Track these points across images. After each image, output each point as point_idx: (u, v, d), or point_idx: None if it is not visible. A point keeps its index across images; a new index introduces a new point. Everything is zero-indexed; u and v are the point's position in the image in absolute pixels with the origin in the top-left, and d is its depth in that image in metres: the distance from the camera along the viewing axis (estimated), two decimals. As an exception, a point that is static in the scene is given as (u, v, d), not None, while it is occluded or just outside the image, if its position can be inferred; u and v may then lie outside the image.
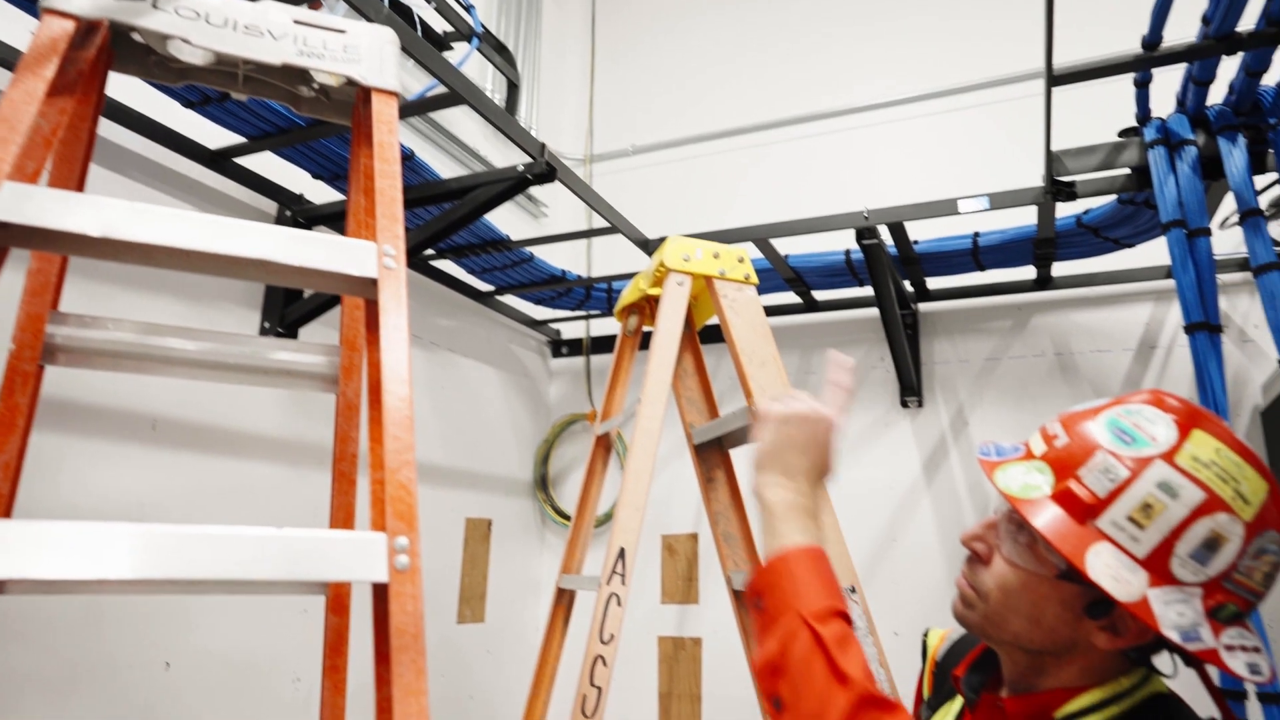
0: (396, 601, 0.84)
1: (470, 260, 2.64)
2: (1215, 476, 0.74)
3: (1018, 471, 0.83)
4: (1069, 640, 0.82)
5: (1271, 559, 0.75)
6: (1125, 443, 0.78)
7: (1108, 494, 0.76)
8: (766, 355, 1.80)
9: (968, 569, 0.90)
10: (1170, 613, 0.72)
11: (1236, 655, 0.73)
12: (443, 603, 2.68)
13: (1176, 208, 1.66)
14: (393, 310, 1.00)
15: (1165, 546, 0.74)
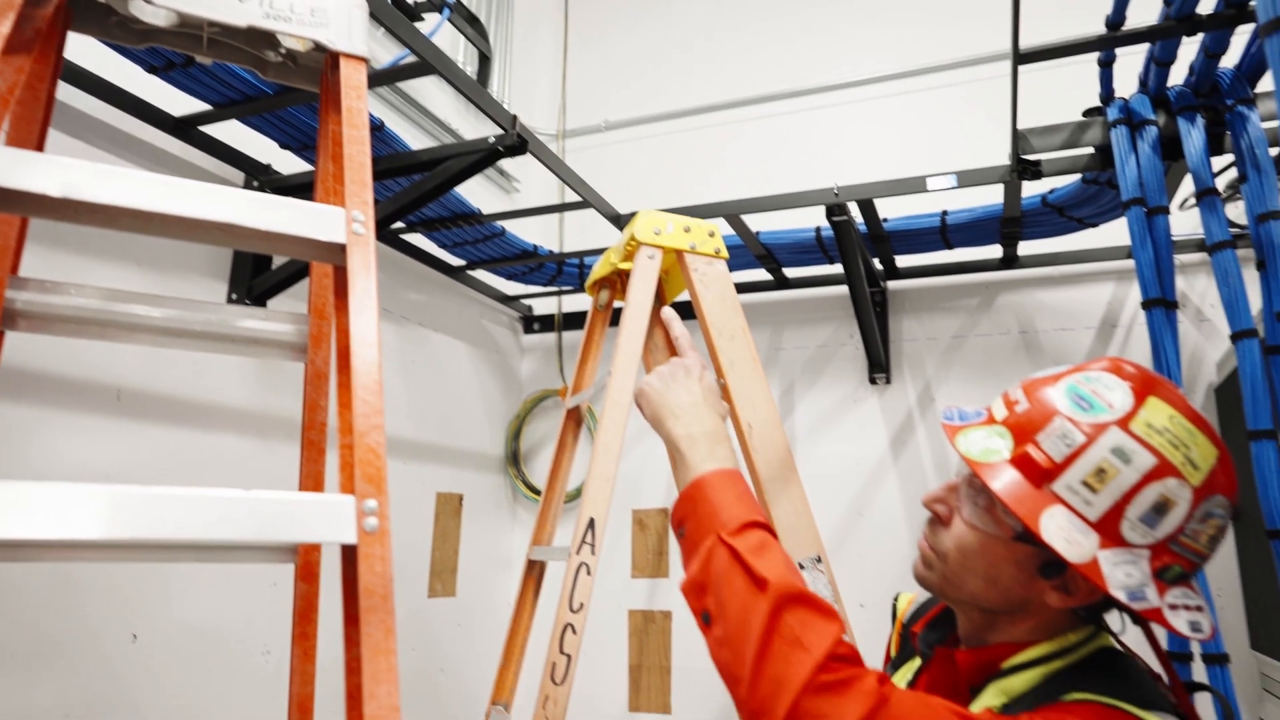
0: (365, 563, 0.84)
1: (441, 234, 2.62)
2: (1167, 443, 0.77)
3: (979, 436, 0.86)
4: (1023, 599, 0.85)
5: (1217, 522, 0.78)
6: (1083, 409, 0.80)
7: (1064, 459, 0.79)
8: (736, 329, 1.81)
9: (928, 531, 0.93)
10: (1119, 573, 0.75)
11: (1180, 614, 0.76)
12: (413, 576, 2.68)
13: (1137, 186, 1.69)
14: (362, 276, 1.00)
15: (1116, 510, 0.76)
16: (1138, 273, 1.65)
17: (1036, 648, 0.86)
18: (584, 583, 1.58)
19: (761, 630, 0.77)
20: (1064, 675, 0.83)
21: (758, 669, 0.76)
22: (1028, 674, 0.84)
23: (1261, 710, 2.13)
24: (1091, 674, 0.82)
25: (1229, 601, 2.29)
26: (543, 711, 1.52)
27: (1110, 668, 0.84)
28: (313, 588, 1.30)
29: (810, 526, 1.73)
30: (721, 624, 0.81)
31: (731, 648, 0.79)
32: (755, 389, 1.76)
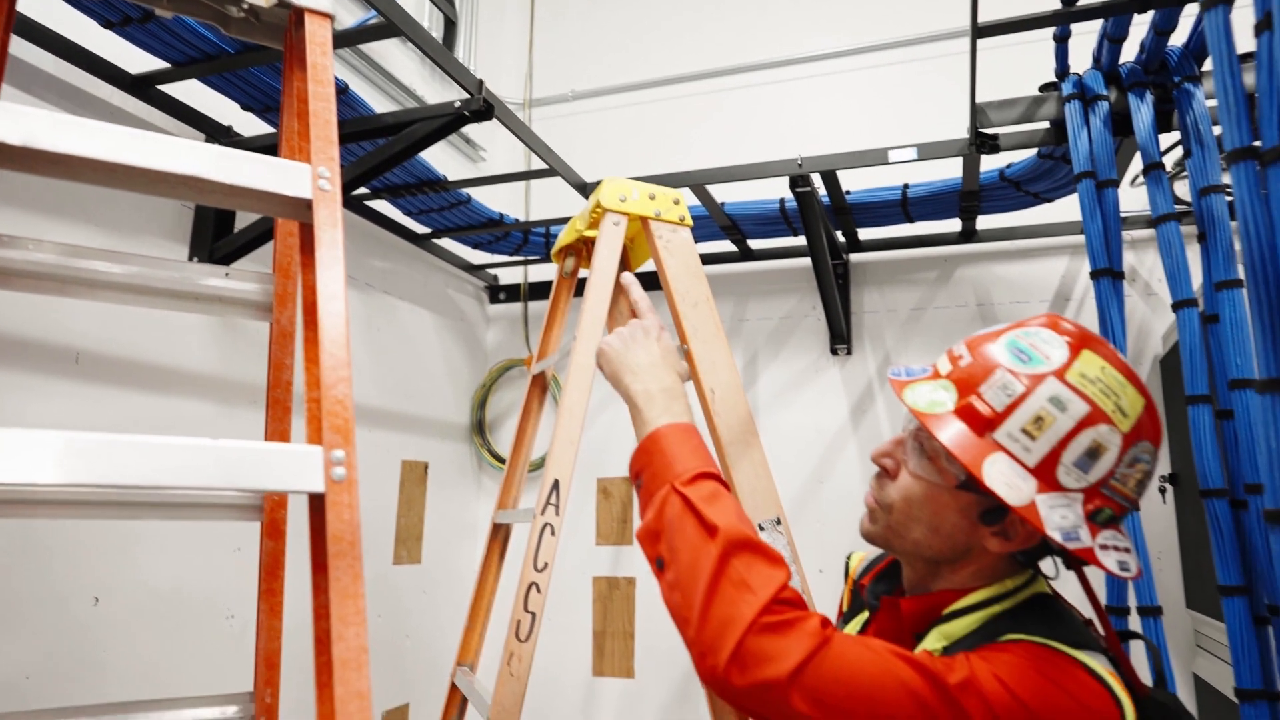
0: (333, 510, 0.86)
1: (406, 201, 2.61)
2: (1099, 392, 0.82)
3: (925, 389, 0.90)
4: (964, 546, 0.90)
5: (1144, 467, 0.84)
6: (1022, 361, 0.85)
7: (1005, 408, 0.83)
8: (700, 296, 1.84)
9: (875, 484, 0.97)
10: (1055, 516, 0.80)
11: (1110, 554, 0.81)
12: (379, 543, 2.69)
13: (1088, 159, 1.74)
14: (328, 232, 1.00)
15: (1053, 456, 0.81)
16: (1087, 243, 1.70)
17: (976, 593, 0.91)
18: (548, 543, 1.61)
19: (710, 573, 0.82)
20: (1001, 619, 0.87)
21: (706, 610, 0.80)
22: (967, 618, 0.89)
23: (1194, 664, 2.24)
24: (1027, 617, 0.87)
25: (1168, 563, 2.40)
26: (507, 668, 1.55)
27: (1044, 611, 0.89)
28: (279, 545, 1.32)
29: (770, 489, 1.77)
30: (674, 568, 0.86)
31: (682, 590, 0.84)
32: (718, 355, 1.79)
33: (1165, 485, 2.38)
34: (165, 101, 1.97)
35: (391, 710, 2.68)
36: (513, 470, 2.09)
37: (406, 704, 2.76)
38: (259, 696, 1.31)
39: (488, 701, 1.59)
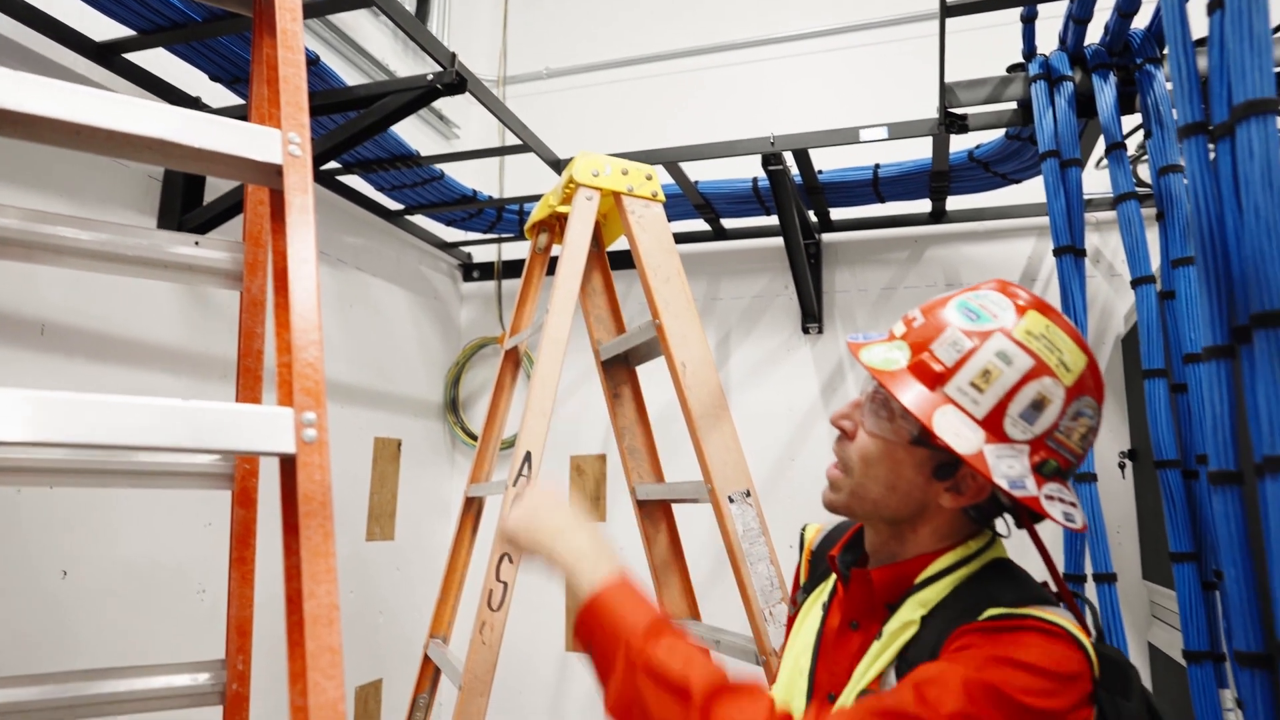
0: (304, 471, 0.87)
1: (379, 176, 2.59)
2: (1043, 347, 0.86)
3: (880, 349, 0.94)
4: (920, 503, 0.93)
5: (1087, 422, 0.88)
6: (971, 320, 0.89)
7: (954, 363, 0.87)
8: (671, 271, 1.86)
9: (836, 446, 1.00)
10: (1002, 465, 0.84)
11: (1055, 504, 0.85)
12: (351, 520, 2.69)
13: (1053, 139, 1.78)
14: (298, 198, 1.00)
15: (1000, 408, 0.85)
16: (1050, 221, 1.74)
17: (943, 558, 0.94)
18: (520, 513, 1.62)
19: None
20: (969, 584, 0.91)
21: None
22: (939, 584, 0.92)
23: (1149, 634, 2.31)
24: (994, 580, 0.91)
25: (1126, 537, 2.46)
26: (479, 636, 1.57)
27: (1006, 573, 0.93)
28: (250, 514, 1.32)
29: (740, 462, 1.80)
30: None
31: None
32: (689, 329, 1.82)
33: (1124, 461, 2.45)
34: (131, 70, 1.94)
35: (365, 685, 2.70)
36: (485, 444, 2.10)
37: (380, 679, 2.77)
38: (231, 663, 1.32)
39: (460, 670, 1.61)
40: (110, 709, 1.24)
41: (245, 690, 1.33)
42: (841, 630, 1.00)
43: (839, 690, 0.95)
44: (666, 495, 1.97)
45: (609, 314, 2.20)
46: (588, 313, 2.20)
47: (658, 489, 2.01)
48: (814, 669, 1.00)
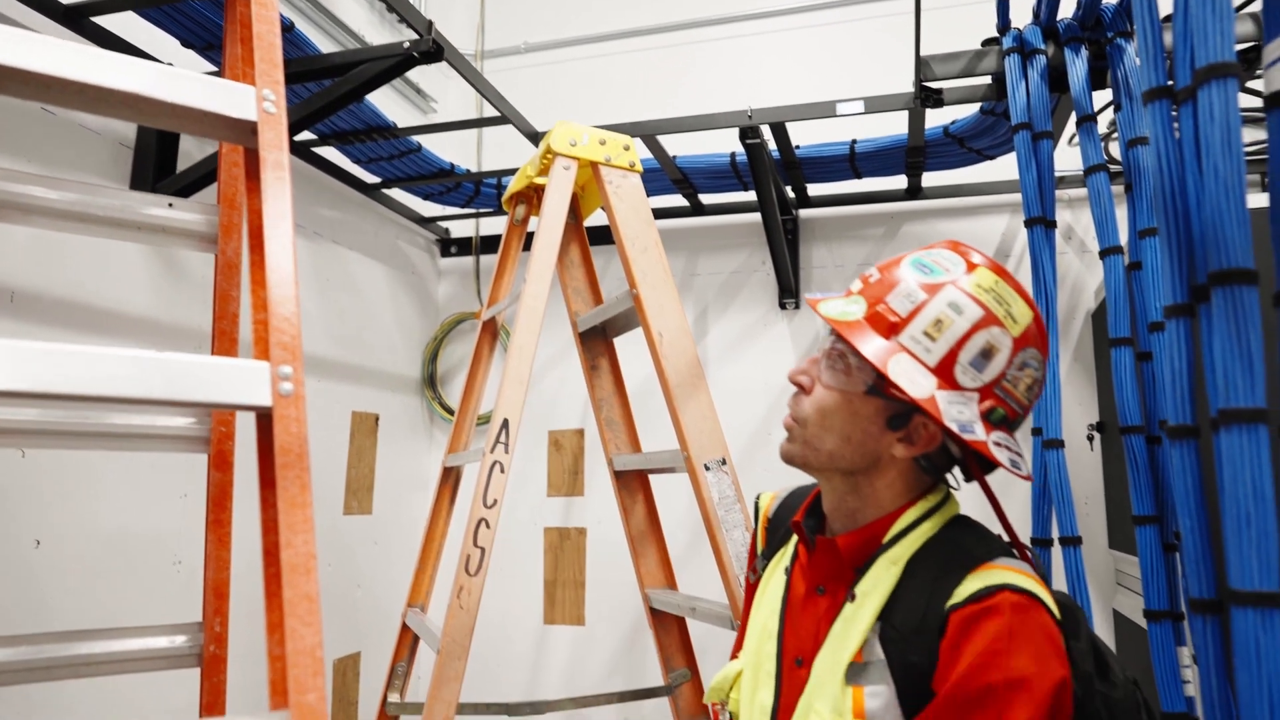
0: (280, 424, 0.87)
1: (355, 149, 2.57)
2: (992, 300, 0.91)
3: (838, 303, 0.98)
4: (874, 454, 0.96)
5: (1032, 373, 0.92)
6: (925, 274, 0.94)
7: (908, 313, 0.91)
8: (648, 241, 1.87)
9: (793, 401, 1.02)
10: (952, 410, 0.88)
11: (1002, 451, 0.89)
12: (329, 493, 2.69)
13: (1025, 111, 1.80)
14: (273, 154, 1.00)
15: (951, 355, 0.89)
16: (1022, 192, 1.77)
17: (906, 515, 0.97)
18: (498, 480, 1.64)
19: None
20: (937, 539, 0.94)
21: None
22: (906, 540, 0.95)
23: (1114, 601, 2.37)
24: (959, 536, 0.94)
25: (1094, 508, 2.52)
26: (457, 601, 1.58)
27: (968, 528, 0.97)
28: (227, 476, 1.32)
29: (715, 430, 1.82)
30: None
31: None
32: (666, 299, 1.83)
33: (1093, 434, 2.50)
34: (100, 35, 1.91)
35: (343, 658, 2.71)
36: (463, 415, 2.11)
37: (358, 652, 2.78)
38: (208, 625, 1.32)
39: (438, 635, 1.63)
40: (87, 670, 1.25)
41: (223, 653, 1.33)
42: (808, 595, 1.02)
43: (807, 653, 0.98)
44: (643, 465, 1.99)
45: (587, 286, 2.21)
46: (565, 285, 2.21)
47: (635, 459, 2.03)
48: (781, 633, 1.03)
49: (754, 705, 1.02)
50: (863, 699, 0.88)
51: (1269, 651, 0.84)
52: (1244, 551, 0.86)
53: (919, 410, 0.92)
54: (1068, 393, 2.57)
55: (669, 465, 1.89)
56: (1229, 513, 0.88)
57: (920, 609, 0.88)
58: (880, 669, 0.88)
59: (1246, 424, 0.88)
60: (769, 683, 1.01)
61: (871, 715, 0.87)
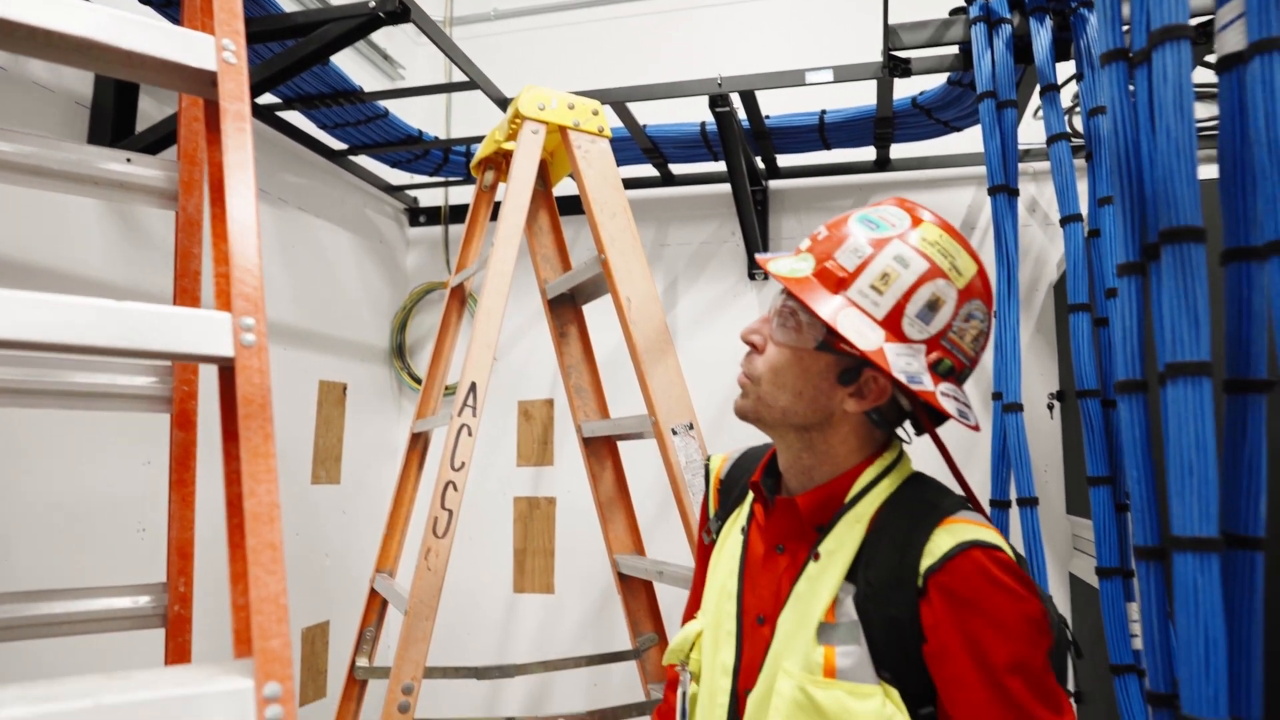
0: (243, 374, 0.87)
1: (321, 114, 2.53)
2: (937, 252, 0.93)
3: (787, 261, 0.99)
4: (826, 409, 0.97)
5: (977, 325, 0.95)
6: (872, 229, 0.95)
7: (855, 268, 0.93)
8: (617, 206, 1.87)
9: (745, 360, 1.04)
10: (900, 361, 0.90)
11: (950, 401, 0.92)
12: (296, 463, 2.68)
13: (990, 80, 1.82)
14: (234, 105, 0.99)
15: (898, 309, 0.91)
16: (986, 161, 1.79)
17: (866, 473, 0.98)
18: (465, 443, 1.64)
19: None
20: (899, 496, 0.96)
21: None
22: (869, 498, 0.97)
23: (1070, 565, 2.43)
24: (921, 491, 0.97)
25: (1052, 475, 2.58)
26: (425, 562, 1.59)
27: (927, 484, 0.99)
28: (190, 435, 1.31)
29: (683, 395, 1.84)
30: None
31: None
32: (634, 265, 1.84)
33: (1053, 402, 2.55)
34: (55, -11, 1.85)
35: (311, 627, 2.71)
36: (431, 381, 2.10)
37: (327, 621, 2.78)
38: (172, 586, 1.32)
39: (406, 599, 1.64)
40: (49, 631, 1.24)
41: (187, 613, 1.33)
42: (767, 554, 1.03)
43: (768, 612, 0.99)
44: (612, 431, 2.01)
45: (555, 253, 2.21)
46: (534, 252, 2.20)
47: (603, 425, 2.04)
48: (741, 592, 1.04)
49: (715, 664, 1.03)
50: (834, 658, 0.89)
51: (1206, 594, 0.87)
52: (1186, 499, 0.90)
53: (869, 364, 0.94)
54: (1029, 362, 2.62)
55: (637, 431, 1.90)
56: (1173, 462, 0.92)
57: (894, 565, 0.90)
58: (852, 629, 0.90)
59: (1191, 377, 0.91)
60: (730, 642, 1.02)
61: (842, 673, 0.88)
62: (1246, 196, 0.96)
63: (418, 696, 1.54)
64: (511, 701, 2.98)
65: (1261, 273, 0.93)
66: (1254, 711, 0.89)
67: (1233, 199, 0.97)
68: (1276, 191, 0.89)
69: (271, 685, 0.77)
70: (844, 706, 0.86)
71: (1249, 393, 0.95)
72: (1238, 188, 0.96)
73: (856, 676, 0.88)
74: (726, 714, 0.99)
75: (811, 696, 0.88)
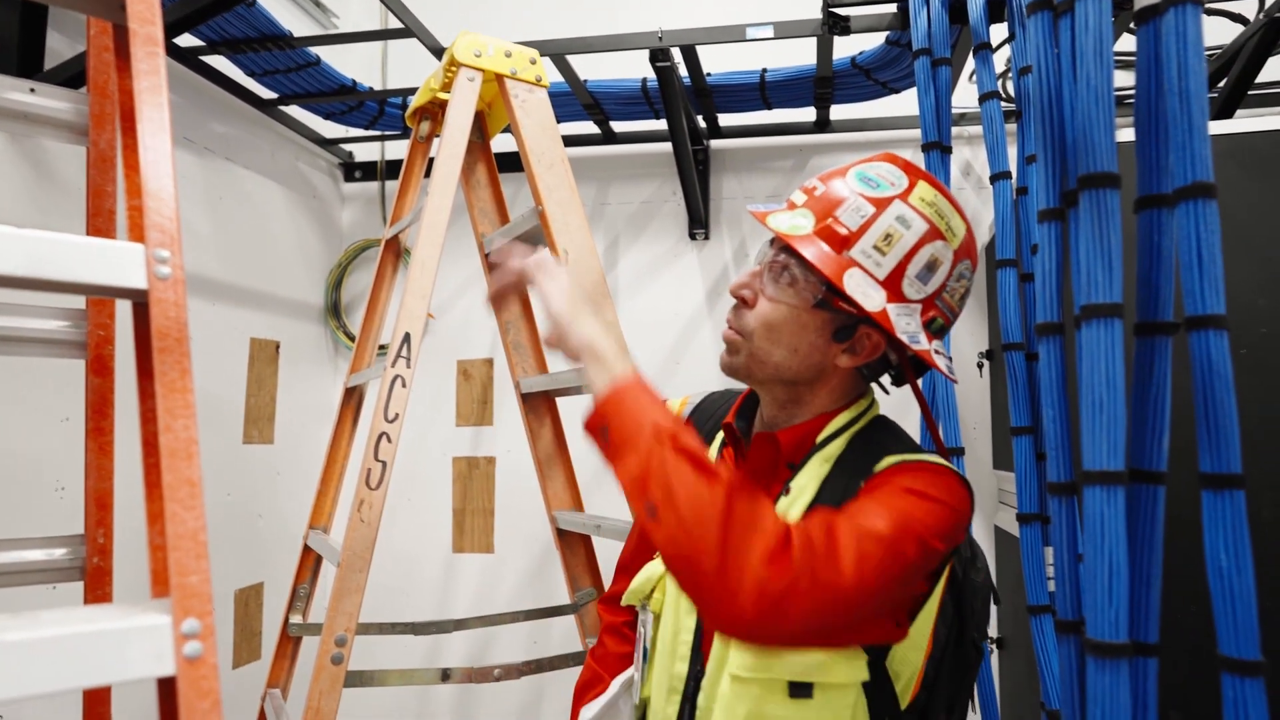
0: (158, 308, 0.83)
1: (248, 59, 2.43)
2: (935, 214, 0.94)
3: (786, 216, 0.98)
4: (819, 365, 0.99)
5: (965, 283, 0.97)
6: (871, 188, 0.95)
7: (859, 227, 0.93)
8: (555, 157, 1.84)
9: (733, 315, 1.03)
10: (901, 322, 0.91)
11: (941, 358, 0.94)
12: (227, 421, 2.61)
13: (925, 37, 1.84)
14: (145, 30, 0.94)
15: (900, 269, 0.92)
16: (920, 118, 1.82)
17: (840, 416, 1.01)
18: (399, 394, 1.62)
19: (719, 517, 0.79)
20: (862, 437, 0.99)
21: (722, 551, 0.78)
22: (839, 440, 0.99)
23: (996, 518, 2.53)
24: (883, 434, 1.00)
25: (980, 432, 2.67)
26: (358, 514, 1.57)
27: (890, 427, 1.03)
28: (106, 382, 1.27)
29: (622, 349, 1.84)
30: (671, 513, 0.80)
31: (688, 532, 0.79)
32: (572, 216, 1.82)
33: (982, 361, 2.63)
34: (-48, -87, 1.74)
35: (245, 588, 2.66)
36: (365, 336, 2.06)
37: (261, 582, 2.73)
38: (90, 538, 1.28)
39: (339, 551, 1.62)
40: (-44, 584, 1.19)
41: (108, 565, 1.29)
42: None
43: None
44: (549, 386, 2.00)
45: (494, 207, 2.17)
46: (472, 206, 2.17)
47: (541, 380, 2.04)
48: None
49: (680, 603, 1.04)
50: None
51: (1111, 524, 0.91)
52: (1096, 435, 0.93)
53: (865, 321, 0.95)
54: (960, 322, 2.68)
55: (574, 385, 1.90)
56: (1085, 400, 0.95)
57: (843, 490, 0.93)
58: None
59: (1104, 318, 0.95)
60: None
61: None
62: (1159, 146, 0.99)
63: (351, 649, 1.53)
64: (451, 658, 2.98)
65: (1171, 219, 0.97)
66: (1151, 635, 0.94)
67: (1147, 148, 1.00)
68: (1186, 140, 0.93)
69: (190, 621, 0.75)
70: None
71: (1156, 335, 0.99)
72: (1151, 137, 1.00)
73: None
74: (690, 651, 1.01)
75: None
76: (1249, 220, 1.56)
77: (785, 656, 0.88)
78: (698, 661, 0.99)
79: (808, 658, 0.88)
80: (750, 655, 0.90)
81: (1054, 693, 1.47)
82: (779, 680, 0.89)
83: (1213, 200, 0.92)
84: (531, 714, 2.91)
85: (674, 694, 1.00)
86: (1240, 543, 0.89)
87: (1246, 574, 0.89)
